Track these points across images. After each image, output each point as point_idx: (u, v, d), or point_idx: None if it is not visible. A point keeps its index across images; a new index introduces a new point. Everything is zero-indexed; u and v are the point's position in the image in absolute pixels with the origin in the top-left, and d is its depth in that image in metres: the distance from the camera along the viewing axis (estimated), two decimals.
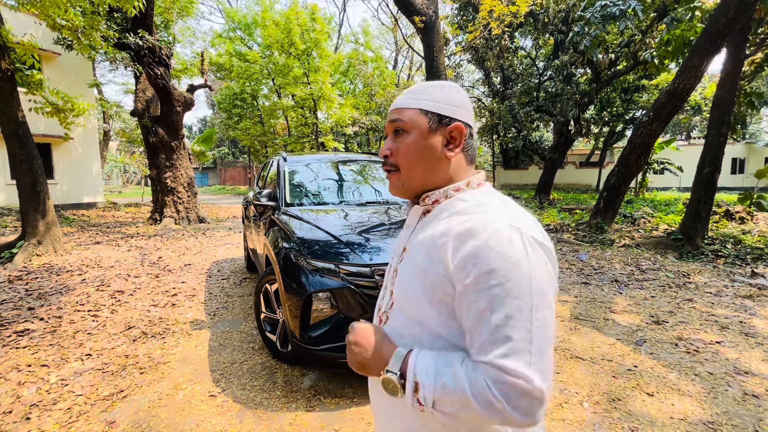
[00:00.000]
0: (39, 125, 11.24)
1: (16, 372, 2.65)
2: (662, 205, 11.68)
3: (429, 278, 0.71)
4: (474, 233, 0.66)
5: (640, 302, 4.02)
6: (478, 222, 0.68)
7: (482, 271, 0.63)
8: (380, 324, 0.84)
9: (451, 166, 0.79)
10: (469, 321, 0.65)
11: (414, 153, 0.78)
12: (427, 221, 0.79)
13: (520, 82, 16.44)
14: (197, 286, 4.69)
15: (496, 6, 8.79)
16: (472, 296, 0.64)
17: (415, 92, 0.80)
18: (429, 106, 0.78)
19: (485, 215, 0.69)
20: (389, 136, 0.83)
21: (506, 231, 0.65)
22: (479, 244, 0.65)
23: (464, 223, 0.69)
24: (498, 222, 0.67)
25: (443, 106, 0.78)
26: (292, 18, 16.44)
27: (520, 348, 0.61)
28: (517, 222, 0.67)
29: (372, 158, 4.48)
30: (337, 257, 2.46)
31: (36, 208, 5.96)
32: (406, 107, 0.79)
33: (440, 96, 0.78)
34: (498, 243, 0.64)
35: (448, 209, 0.76)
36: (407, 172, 0.80)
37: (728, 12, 5.45)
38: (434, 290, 0.70)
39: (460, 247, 0.67)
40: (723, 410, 2.23)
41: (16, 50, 5.63)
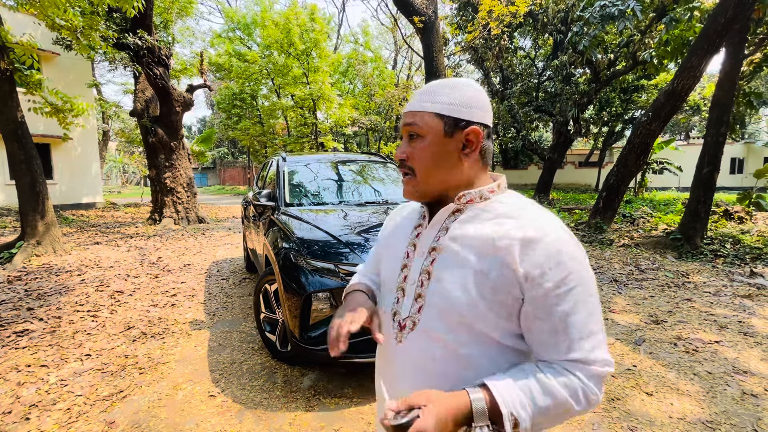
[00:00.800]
0: (38, 125, 11.23)
1: (15, 372, 2.65)
2: (661, 204, 11.69)
3: (489, 281, 0.69)
4: (541, 238, 0.68)
5: (639, 302, 4.02)
6: (534, 225, 0.70)
7: (562, 274, 0.67)
8: (402, 330, 0.79)
9: (468, 170, 0.78)
10: (553, 323, 0.67)
11: (430, 158, 0.76)
12: (465, 221, 0.76)
13: (520, 82, 16.45)
14: (197, 286, 4.69)
15: (496, 6, 8.80)
16: (554, 300, 0.67)
17: (429, 93, 0.77)
18: (444, 109, 0.75)
19: (539, 219, 0.72)
20: (404, 139, 0.81)
21: (565, 234, 0.70)
22: (552, 249, 0.67)
23: (524, 227, 0.70)
24: (555, 226, 0.71)
25: (458, 108, 0.75)
26: (292, 18, 16.44)
27: (601, 338, 0.69)
28: (565, 227, 0.72)
29: (371, 158, 4.49)
30: (337, 257, 2.47)
31: (35, 209, 5.96)
32: (421, 110, 0.77)
33: (455, 97, 0.76)
34: (567, 246, 0.68)
35: (490, 211, 0.75)
36: (424, 177, 0.78)
37: (727, 12, 5.46)
38: (495, 293, 0.69)
39: (529, 252, 0.68)
40: (722, 409, 2.23)
41: (15, 50, 5.62)
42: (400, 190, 3.86)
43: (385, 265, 0.91)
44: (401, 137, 0.83)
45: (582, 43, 8.23)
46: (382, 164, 4.36)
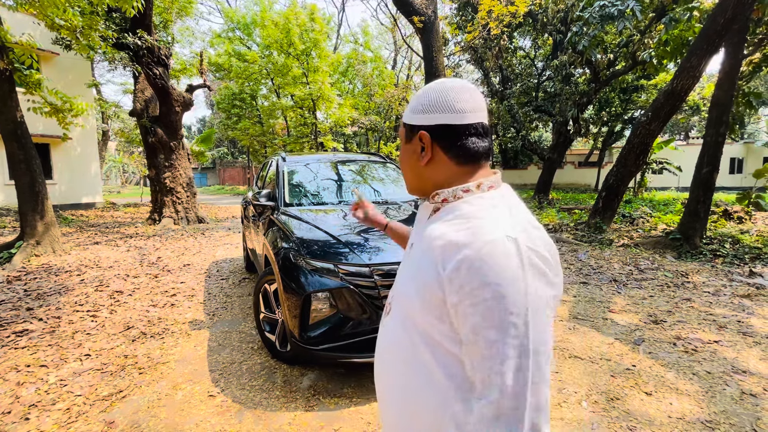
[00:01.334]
0: (37, 125, 11.22)
1: (15, 372, 2.65)
2: (661, 204, 11.70)
3: (422, 278, 0.70)
4: (468, 243, 0.63)
5: (639, 302, 4.03)
6: (474, 231, 0.65)
7: (477, 283, 0.61)
8: (386, 314, 0.88)
9: (434, 170, 0.79)
10: (465, 332, 0.63)
11: (402, 162, 0.87)
12: (433, 220, 0.79)
13: (519, 82, 16.45)
14: (196, 286, 4.69)
15: (495, 6, 8.80)
16: (468, 309, 0.62)
17: (411, 101, 0.84)
18: (405, 118, 0.83)
19: (483, 223, 0.66)
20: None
21: (504, 244, 0.62)
22: (473, 255, 0.62)
23: (460, 231, 0.67)
24: (494, 232, 0.63)
25: (413, 115, 0.80)
26: (291, 18, 16.44)
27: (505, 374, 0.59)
28: (515, 232, 0.64)
29: (371, 158, 4.49)
30: (336, 257, 2.47)
31: (34, 209, 5.95)
32: (403, 121, 0.85)
33: (414, 105, 0.80)
34: (495, 257, 0.61)
35: (454, 211, 0.74)
36: (404, 178, 0.89)
37: (726, 12, 5.46)
38: (425, 290, 0.69)
39: (452, 255, 0.64)
40: (721, 409, 2.24)
41: (15, 50, 5.62)
42: (399, 189, 3.88)
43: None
44: None
45: (581, 43, 8.24)
46: (381, 164, 4.36)
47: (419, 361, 0.72)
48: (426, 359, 0.71)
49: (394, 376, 0.79)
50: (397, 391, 0.77)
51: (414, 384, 0.73)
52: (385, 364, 0.83)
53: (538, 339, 0.61)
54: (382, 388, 0.84)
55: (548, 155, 14.89)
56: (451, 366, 0.68)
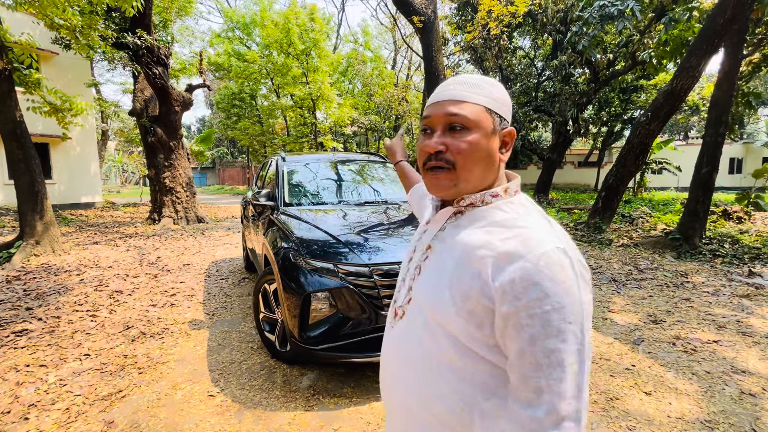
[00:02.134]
0: (37, 125, 11.21)
1: (14, 372, 2.65)
2: (660, 204, 11.71)
3: (462, 287, 0.68)
4: (522, 254, 0.63)
5: (638, 301, 4.03)
6: (524, 241, 0.64)
7: (536, 295, 0.60)
8: (395, 318, 0.83)
9: (499, 171, 0.76)
10: (520, 342, 0.62)
11: (476, 154, 0.71)
12: (460, 224, 0.75)
13: (519, 82, 16.45)
14: (196, 286, 4.68)
15: (495, 6, 8.80)
16: (525, 320, 0.61)
17: (473, 85, 0.73)
18: (492, 105, 0.72)
19: (530, 233, 0.65)
20: (440, 130, 0.73)
21: (556, 254, 0.62)
22: (530, 267, 0.61)
23: (508, 241, 0.65)
24: (546, 243, 0.63)
25: (501, 106, 0.73)
26: (291, 18, 16.44)
27: (568, 380, 0.60)
28: (563, 243, 0.65)
29: (371, 158, 4.49)
30: (336, 257, 2.47)
31: (34, 208, 5.95)
32: (468, 101, 0.71)
33: (498, 95, 0.73)
34: (552, 267, 0.61)
35: (486, 218, 0.72)
36: (465, 172, 0.72)
37: (726, 12, 5.47)
38: (466, 300, 0.67)
39: (505, 267, 0.63)
40: (720, 409, 2.24)
41: (14, 49, 5.61)
42: (399, 189, 3.85)
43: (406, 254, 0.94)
44: (426, 129, 0.76)
45: (581, 43, 8.24)
46: (381, 164, 4.36)
47: (444, 364, 0.71)
48: (453, 363, 0.70)
49: (414, 379, 0.75)
50: (416, 394, 0.75)
51: (436, 387, 0.72)
52: (401, 368, 0.79)
53: (588, 343, 0.64)
54: (396, 391, 0.81)
55: (548, 155, 14.90)
56: (480, 371, 0.69)
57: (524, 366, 0.62)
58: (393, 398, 0.83)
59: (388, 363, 0.84)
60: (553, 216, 9.75)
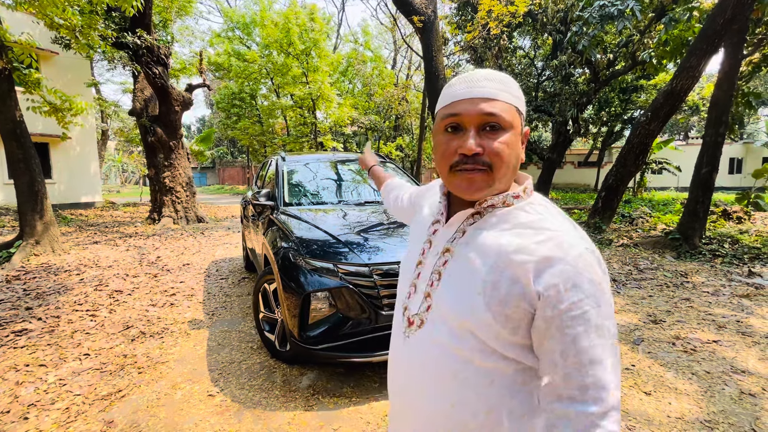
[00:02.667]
0: (37, 125, 11.20)
1: (14, 372, 2.65)
2: (660, 204, 11.71)
3: (498, 294, 0.67)
4: (561, 258, 0.64)
5: (638, 301, 4.03)
6: (559, 245, 0.66)
7: (578, 297, 0.63)
8: (410, 326, 0.79)
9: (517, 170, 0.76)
10: (564, 344, 0.64)
11: (512, 154, 0.70)
12: (482, 227, 0.73)
13: (519, 82, 16.37)
14: (196, 285, 4.68)
15: (495, 6, 8.80)
16: (568, 321, 0.63)
17: (501, 83, 0.71)
18: (519, 104, 0.71)
19: (562, 237, 0.67)
20: (473, 129, 0.69)
21: (589, 255, 0.66)
22: (570, 271, 0.63)
23: (544, 244, 0.66)
24: (579, 245, 0.66)
25: (523, 105, 0.73)
26: (291, 18, 16.44)
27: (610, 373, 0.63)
28: (589, 243, 0.68)
29: None
30: (336, 257, 2.47)
31: (34, 208, 5.95)
32: (500, 99, 0.69)
33: (520, 93, 0.73)
34: (588, 268, 0.64)
35: (510, 220, 0.71)
36: (501, 174, 0.70)
37: (726, 12, 5.46)
38: (503, 305, 0.66)
39: (546, 270, 0.64)
40: (720, 409, 2.24)
41: (14, 49, 5.61)
42: None
43: (406, 255, 0.90)
44: (452, 127, 0.72)
45: (581, 43, 8.24)
46: (381, 164, 4.36)
47: (471, 370, 0.70)
48: (480, 368, 0.70)
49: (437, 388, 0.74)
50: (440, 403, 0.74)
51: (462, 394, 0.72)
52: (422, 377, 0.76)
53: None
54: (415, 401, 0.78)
55: (548, 155, 14.90)
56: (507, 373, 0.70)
57: (568, 365, 0.64)
58: (411, 408, 0.79)
59: (404, 373, 0.81)
60: None
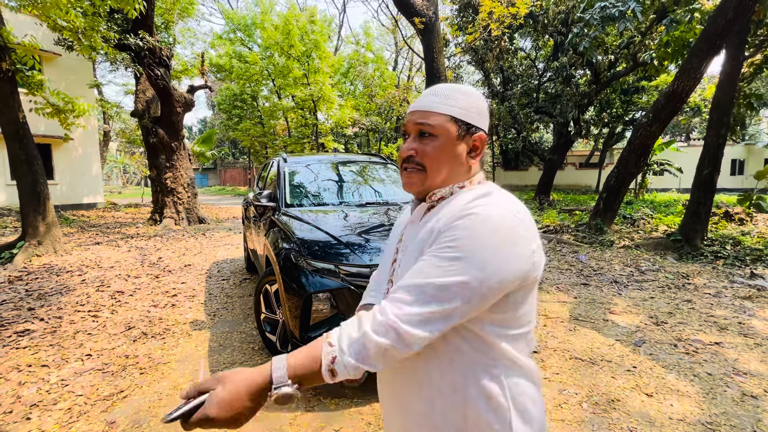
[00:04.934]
0: (39, 126, 11.24)
1: (16, 372, 2.65)
2: (662, 206, 11.68)
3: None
4: (453, 214, 0.72)
5: (640, 303, 4.02)
6: (466, 208, 0.72)
7: (450, 236, 0.70)
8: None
9: (470, 172, 0.84)
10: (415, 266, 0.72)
11: (441, 157, 0.81)
12: (432, 215, 0.81)
13: (520, 84, 16.45)
14: (197, 286, 4.69)
15: (496, 7, 8.81)
16: (432, 250, 0.71)
17: (443, 96, 0.81)
18: (459, 113, 0.80)
19: (476, 203, 0.73)
20: (412, 136, 0.83)
21: (492, 218, 0.70)
22: (461, 222, 0.70)
23: (454, 212, 0.74)
24: (486, 209, 0.71)
25: (471, 114, 0.80)
26: (292, 20, 16.48)
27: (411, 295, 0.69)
28: (507, 214, 0.72)
29: (372, 159, 4.49)
30: (337, 258, 2.47)
31: (36, 209, 5.97)
32: (435, 111, 0.80)
33: (468, 104, 0.81)
34: (478, 222, 0.69)
35: (448, 204, 0.79)
36: (433, 173, 0.82)
37: (727, 14, 5.46)
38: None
39: (447, 228, 0.72)
40: (722, 411, 2.23)
41: (17, 51, 5.63)
42: (400, 190, 3.86)
43: (383, 261, 0.99)
44: (404, 134, 0.86)
45: (582, 44, 8.24)
46: (382, 165, 4.37)
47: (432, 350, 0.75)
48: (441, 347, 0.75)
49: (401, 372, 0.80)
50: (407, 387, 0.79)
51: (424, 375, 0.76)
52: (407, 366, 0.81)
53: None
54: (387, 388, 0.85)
55: (549, 156, 14.89)
56: (463, 348, 0.74)
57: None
58: (388, 393, 0.87)
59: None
60: (554, 217, 9.74)
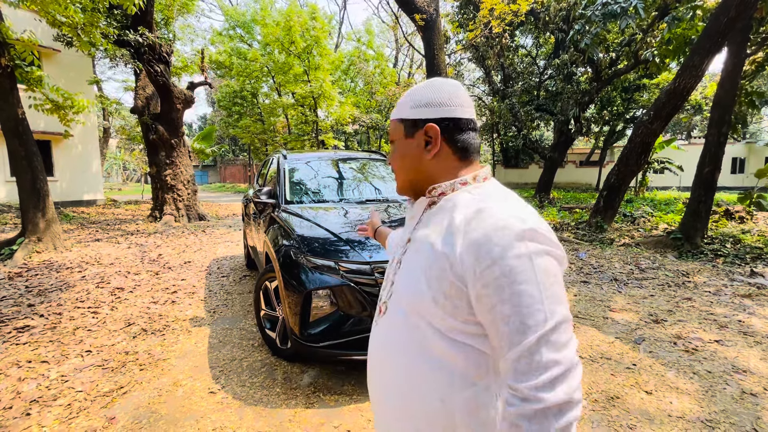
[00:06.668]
0: (39, 122, 11.21)
1: (16, 368, 2.66)
2: (662, 204, 11.67)
3: (434, 270, 0.70)
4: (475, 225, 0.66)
5: (639, 301, 4.02)
6: (479, 210, 0.68)
7: (486, 262, 0.63)
8: (380, 314, 0.85)
9: (438, 164, 0.80)
10: (492, 315, 0.64)
11: (397, 160, 0.85)
12: (433, 213, 0.80)
13: (521, 81, 16.41)
14: (197, 283, 4.69)
15: (497, 4, 8.76)
16: (487, 289, 0.63)
17: (399, 104, 0.84)
18: (402, 114, 0.82)
19: (488, 204, 0.69)
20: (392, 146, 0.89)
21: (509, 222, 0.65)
22: (480, 235, 0.65)
23: (471, 220, 0.68)
24: (501, 212, 0.66)
25: (414, 110, 0.80)
26: (293, 16, 16.41)
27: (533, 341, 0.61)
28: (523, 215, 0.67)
29: (372, 156, 4.48)
30: (337, 255, 2.47)
31: (36, 205, 5.96)
32: (393, 118, 0.86)
33: (414, 100, 0.80)
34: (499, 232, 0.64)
35: (455, 202, 0.76)
36: (397, 177, 0.87)
37: (729, 11, 5.44)
38: (439, 282, 0.69)
39: (464, 237, 0.67)
40: (721, 408, 2.24)
41: (16, 47, 5.62)
42: None
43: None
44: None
45: (583, 41, 8.21)
46: (382, 162, 4.36)
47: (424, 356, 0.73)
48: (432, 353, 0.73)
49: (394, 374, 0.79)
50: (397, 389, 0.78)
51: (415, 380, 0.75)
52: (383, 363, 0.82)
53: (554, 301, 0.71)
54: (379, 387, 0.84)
55: (549, 154, 14.87)
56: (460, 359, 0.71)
57: (496, 330, 0.64)
58: (376, 394, 0.85)
59: (373, 360, 0.86)
60: (554, 215, 9.74)
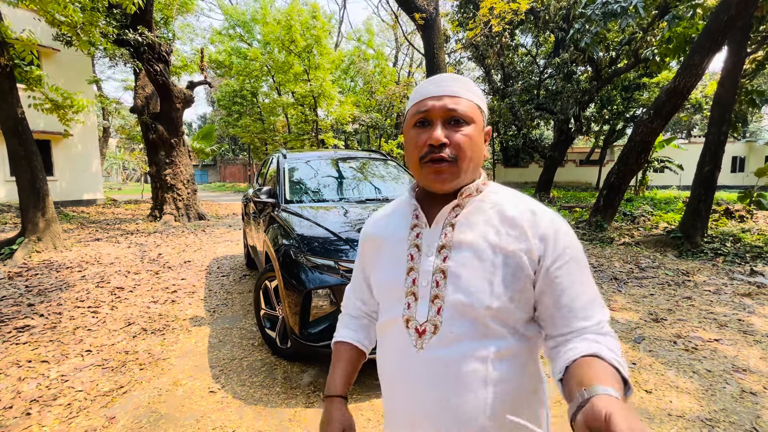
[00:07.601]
0: (38, 122, 11.21)
1: (16, 368, 2.66)
2: (662, 203, 11.67)
3: (510, 268, 0.72)
4: (542, 211, 0.75)
5: (639, 300, 4.02)
6: (534, 209, 0.75)
7: (562, 245, 0.72)
8: (422, 336, 0.74)
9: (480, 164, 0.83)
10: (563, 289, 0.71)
11: (474, 147, 0.74)
12: (469, 215, 0.76)
13: (521, 80, 16.40)
14: (197, 282, 4.69)
15: (497, 3, 8.75)
16: (560, 270, 0.71)
17: (463, 83, 0.76)
18: (481, 102, 0.78)
19: (532, 203, 0.77)
20: (439, 123, 0.73)
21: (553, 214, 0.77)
22: (550, 223, 0.74)
23: (525, 202, 0.77)
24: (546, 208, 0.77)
25: (485, 106, 0.80)
26: (293, 15, 16.40)
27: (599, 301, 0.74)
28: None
29: (372, 155, 4.48)
30: (337, 254, 2.47)
31: (36, 205, 5.96)
32: (464, 97, 0.74)
33: (482, 95, 0.80)
34: (559, 221, 0.75)
35: (486, 201, 0.78)
36: (465, 165, 0.74)
37: (730, 10, 5.43)
38: (516, 280, 0.71)
39: (537, 220, 0.74)
40: (721, 407, 2.24)
41: (15, 46, 5.61)
42: (400, 187, 3.85)
43: (382, 273, 0.84)
44: (424, 121, 0.75)
45: (583, 40, 8.20)
46: (382, 162, 4.35)
47: (498, 355, 0.72)
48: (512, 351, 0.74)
49: (470, 382, 0.71)
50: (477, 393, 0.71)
51: (506, 383, 0.72)
52: (450, 380, 0.72)
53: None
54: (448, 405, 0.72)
55: (549, 153, 14.87)
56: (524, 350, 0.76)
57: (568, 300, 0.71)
58: (436, 415, 0.73)
59: (424, 385, 0.74)
60: None
